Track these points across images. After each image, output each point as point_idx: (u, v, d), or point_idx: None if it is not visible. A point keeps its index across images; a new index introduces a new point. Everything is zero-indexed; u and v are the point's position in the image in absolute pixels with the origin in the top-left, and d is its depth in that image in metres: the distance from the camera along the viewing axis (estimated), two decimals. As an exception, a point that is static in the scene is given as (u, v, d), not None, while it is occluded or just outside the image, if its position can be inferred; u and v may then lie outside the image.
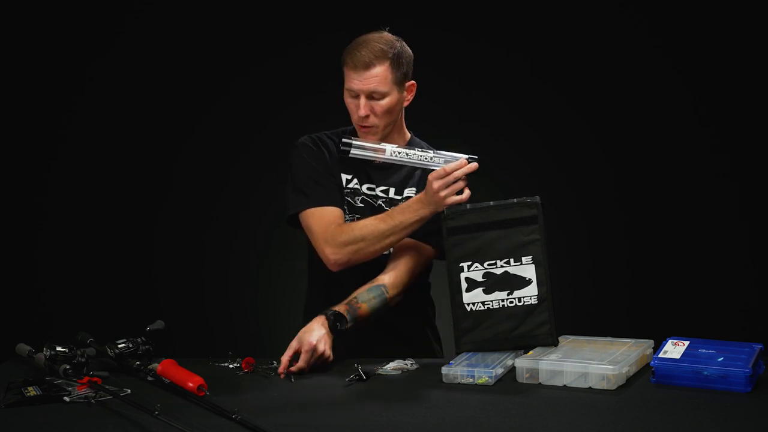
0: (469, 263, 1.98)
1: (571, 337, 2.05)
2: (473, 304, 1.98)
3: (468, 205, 2.03)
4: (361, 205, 2.23)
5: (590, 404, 1.67)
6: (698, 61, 3.64)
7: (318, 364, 1.99)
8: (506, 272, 1.97)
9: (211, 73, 3.77)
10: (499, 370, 1.85)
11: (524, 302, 1.97)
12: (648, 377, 1.82)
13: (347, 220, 2.21)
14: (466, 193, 2.01)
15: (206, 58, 3.76)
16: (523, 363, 1.84)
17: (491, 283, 1.98)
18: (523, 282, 1.97)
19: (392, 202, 2.23)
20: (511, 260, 1.97)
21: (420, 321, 2.34)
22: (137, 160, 3.77)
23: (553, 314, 1.96)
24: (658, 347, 1.87)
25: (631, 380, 1.81)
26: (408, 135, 2.30)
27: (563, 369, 1.80)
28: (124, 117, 3.78)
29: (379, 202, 2.24)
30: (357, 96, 2.14)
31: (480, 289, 1.98)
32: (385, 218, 2.10)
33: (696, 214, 3.66)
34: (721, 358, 1.77)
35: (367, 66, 2.11)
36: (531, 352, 1.93)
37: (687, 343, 1.85)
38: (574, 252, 3.68)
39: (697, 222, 3.67)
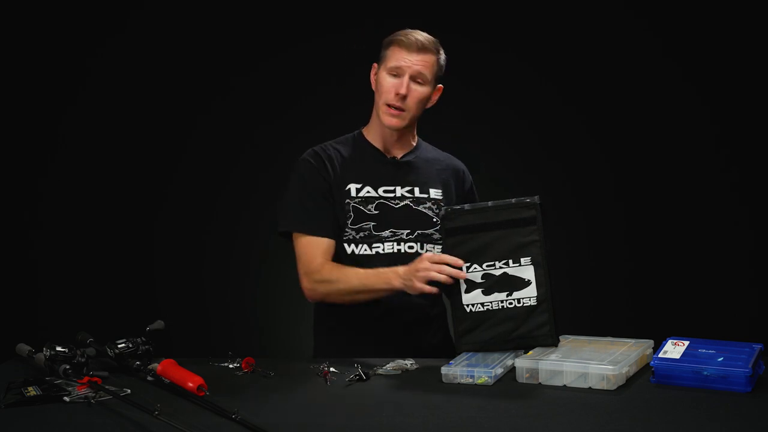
0: (468, 264, 1.98)
1: (571, 337, 2.04)
2: (472, 305, 1.97)
3: (467, 206, 2.03)
4: (376, 212, 2.21)
5: (590, 404, 1.67)
6: (699, 63, 3.64)
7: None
8: (505, 273, 1.97)
9: (211, 73, 3.77)
10: (499, 370, 1.85)
11: (523, 303, 1.96)
12: (648, 377, 1.82)
13: (353, 231, 2.20)
14: (434, 288, 1.98)
15: (204, 59, 3.76)
16: (523, 363, 1.84)
17: (490, 285, 1.97)
18: (522, 283, 1.96)
19: (419, 201, 2.24)
20: (510, 261, 1.96)
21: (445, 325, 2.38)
22: (137, 160, 3.77)
23: (553, 315, 1.96)
24: (658, 347, 1.87)
25: (631, 380, 1.81)
26: (416, 138, 2.34)
27: (563, 369, 1.80)
28: (122, 118, 3.78)
29: (406, 202, 2.23)
30: (398, 75, 2.17)
31: (479, 290, 1.97)
32: (360, 275, 2.11)
33: (696, 214, 3.67)
34: (721, 358, 1.77)
35: (421, 49, 2.17)
36: (531, 352, 1.93)
37: (687, 343, 1.85)
38: (574, 252, 3.69)
39: (698, 222, 3.67)
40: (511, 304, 1.96)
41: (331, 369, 1.93)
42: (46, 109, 3.75)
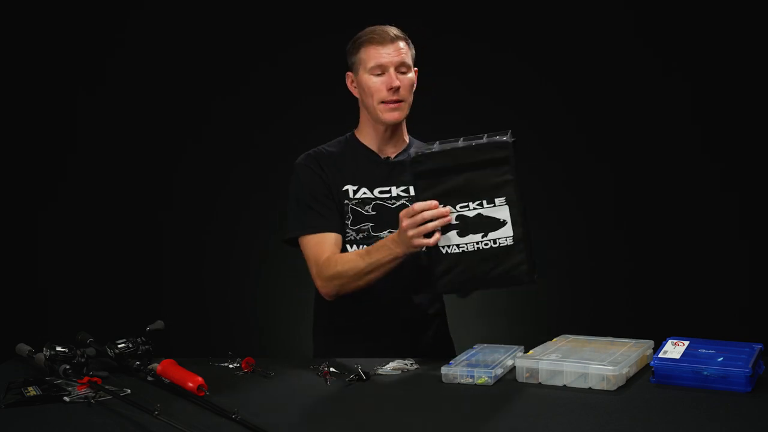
0: (441, 206, 1.90)
1: (571, 337, 2.04)
2: (448, 246, 1.90)
3: (436, 145, 1.93)
4: (373, 213, 2.21)
5: (590, 404, 1.67)
6: (701, 63, 3.65)
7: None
8: (479, 214, 1.89)
9: (210, 74, 3.78)
10: (499, 371, 1.85)
11: (500, 244, 1.89)
12: (648, 377, 1.82)
13: (353, 232, 2.21)
14: (435, 237, 1.90)
15: (203, 61, 3.77)
16: (523, 363, 1.84)
17: (465, 226, 1.89)
18: (498, 223, 1.89)
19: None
20: (484, 202, 1.89)
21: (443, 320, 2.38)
22: (138, 161, 3.78)
23: (530, 254, 1.89)
24: (658, 347, 1.87)
25: (631, 380, 1.81)
26: (407, 136, 2.33)
27: (563, 369, 1.79)
28: (124, 120, 3.78)
29: (402, 201, 2.23)
30: (382, 73, 2.17)
31: (454, 232, 1.90)
32: (364, 255, 2.08)
33: (696, 214, 3.67)
34: (721, 358, 1.77)
35: (394, 40, 2.18)
36: (531, 351, 1.92)
37: (687, 343, 1.85)
38: (574, 252, 3.69)
39: (697, 222, 3.67)
40: (487, 245, 1.89)
41: (331, 369, 1.92)
42: (45, 111, 3.75)
